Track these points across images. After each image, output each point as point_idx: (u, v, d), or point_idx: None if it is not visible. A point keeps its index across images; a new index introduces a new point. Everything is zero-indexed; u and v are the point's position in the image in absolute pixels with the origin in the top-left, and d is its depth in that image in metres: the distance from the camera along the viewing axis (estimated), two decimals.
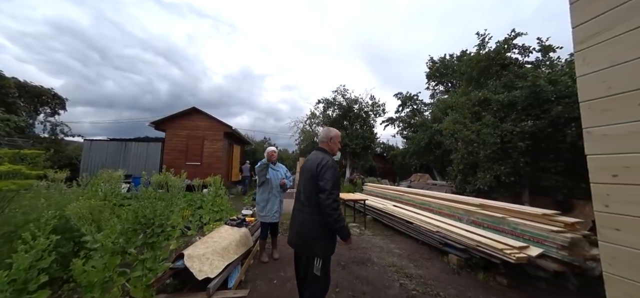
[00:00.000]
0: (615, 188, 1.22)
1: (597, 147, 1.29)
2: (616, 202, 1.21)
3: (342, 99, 18.32)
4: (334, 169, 1.74)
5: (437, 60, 18.27)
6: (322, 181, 1.69)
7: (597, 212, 1.29)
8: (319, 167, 1.74)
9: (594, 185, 1.30)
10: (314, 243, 1.74)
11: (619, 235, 1.21)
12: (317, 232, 1.72)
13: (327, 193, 1.65)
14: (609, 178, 1.24)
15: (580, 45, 1.39)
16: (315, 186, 1.72)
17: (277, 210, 3.28)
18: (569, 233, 2.86)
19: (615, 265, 1.23)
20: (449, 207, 4.69)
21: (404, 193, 6.70)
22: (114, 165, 9.51)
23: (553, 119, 5.07)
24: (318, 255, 1.73)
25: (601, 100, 1.28)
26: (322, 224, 1.72)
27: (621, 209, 1.19)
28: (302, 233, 1.79)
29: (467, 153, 5.96)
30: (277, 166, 3.44)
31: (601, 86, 1.28)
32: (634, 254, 1.14)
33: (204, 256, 2.34)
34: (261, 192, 3.28)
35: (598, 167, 1.29)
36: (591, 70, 1.33)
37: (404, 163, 16.29)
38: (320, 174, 1.71)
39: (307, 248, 1.77)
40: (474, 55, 8.65)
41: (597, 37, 1.30)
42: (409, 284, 2.91)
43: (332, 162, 1.79)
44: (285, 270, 3.09)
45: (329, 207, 1.65)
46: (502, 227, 3.62)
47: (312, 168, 1.78)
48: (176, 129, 10.89)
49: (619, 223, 1.20)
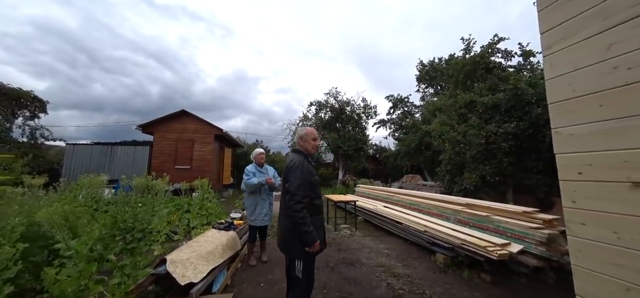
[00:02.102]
0: (581, 185, 1.29)
1: (564, 146, 1.36)
2: (582, 197, 1.28)
3: (335, 101, 18.44)
4: (301, 170, 1.71)
5: (427, 63, 18.70)
6: (287, 183, 1.71)
7: (565, 207, 1.35)
8: (287, 169, 1.78)
9: (562, 182, 1.37)
10: (292, 245, 1.74)
11: (584, 229, 1.27)
12: (293, 234, 1.71)
13: (290, 195, 1.66)
14: (575, 176, 1.31)
15: (547, 50, 1.47)
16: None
17: (267, 213, 3.25)
18: (546, 229, 2.98)
19: (582, 258, 1.29)
20: (438, 207, 4.79)
21: (394, 194, 6.78)
22: (98, 170, 9.18)
23: (533, 121, 5.29)
24: (297, 257, 1.72)
25: (566, 102, 1.35)
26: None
27: (586, 205, 1.26)
28: (283, 235, 1.80)
29: (454, 154, 6.12)
30: (265, 168, 3.42)
31: (566, 89, 1.35)
32: (598, 247, 1.21)
33: (188, 260, 2.29)
34: (249, 195, 3.25)
35: (565, 165, 1.36)
36: (557, 74, 1.40)
37: (396, 165, 16.52)
38: (287, 176, 1.73)
39: (288, 250, 1.78)
40: (459, 59, 8.92)
41: (562, 43, 1.38)
42: (395, 284, 2.94)
43: (299, 163, 1.76)
44: (273, 273, 3.07)
45: (291, 209, 1.65)
46: (487, 225, 3.73)
47: (284, 171, 1.82)
48: (165, 132, 10.64)
49: (584, 217, 1.27)
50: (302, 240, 1.67)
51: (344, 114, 18.23)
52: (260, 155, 3.37)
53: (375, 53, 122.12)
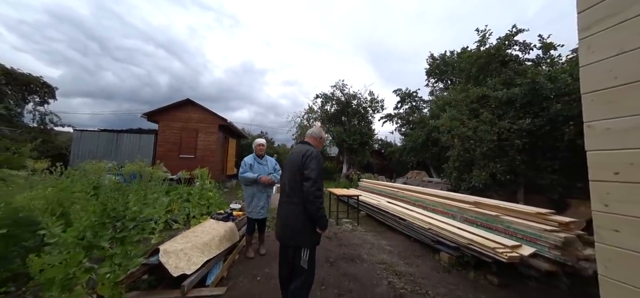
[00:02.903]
0: (617, 186, 1.11)
1: (599, 142, 1.18)
2: (616, 201, 1.11)
3: (341, 94, 18.15)
4: (318, 160, 1.76)
5: (438, 57, 18.06)
6: (307, 170, 1.72)
7: (595, 211, 1.19)
8: (304, 157, 1.76)
9: (593, 183, 1.20)
10: (301, 234, 1.74)
11: (617, 236, 1.11)
12: (303, 223, 1.73)
13: (311, 182, 1.68)
14: (610, 176, 1.13)
15: (585, 31, 1.26)
16: (300, 176, 1.74)
17: (263, 206, 3.16)
18: (562, 232, 2.78)
19: (611, 268, 1.13)
20: (443, 205, 4.62)
21: (399, 190, 6.62)
22: (105, 157, 9.31)
23: (551, 117, 4.98)
24: (305, 245, 1.74)
25: (606, 92, 1.16)
26: (307, 214, 1.73)
27: (621, 209, 1.09)
28: (289, 225, 1.77)
29: (463, 150, 5.87)
30: (264, 160, 3.31)
31: (607, 76, 1.16)
32: (633, 257, 1.05)
33: (182, 251, 2.23)
34: (246, 186, 3.16)
35: (599, 164, 1.18)
36: (596, 59, 1.20)
37: (401, 160, 16.25)
38: (306, 163, 1.74)
39: (294, 239, 1.76)
40: (473, 51, 8.50)
41: (605, 23, 1.18)
42: (397, 282, 2.83)
43: (317, 153, 1.82)
44: (271, 267, 3.00)
45: (312, 195, 1.67)
46: (495, 225, 3.55)
47: (297, 159, 1.79)
48: (169, 120, 10.66)
49: (618, 223, 1.10)
50: (319, 225, 1.74)
51: (350, 107, 17.95)
52: (260, 146, 3.26)
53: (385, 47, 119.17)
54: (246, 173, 3.07)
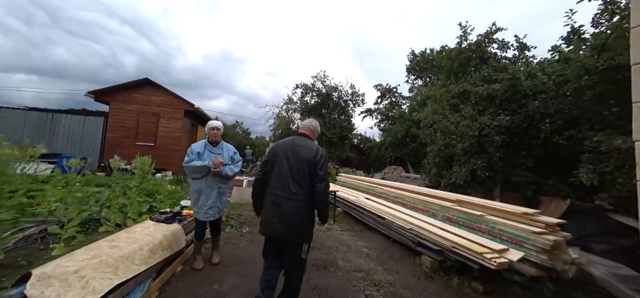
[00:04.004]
0: None
1: None
2: None
3: (322, 86, 17.62)
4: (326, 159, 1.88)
5: (418, 53, 18.27)
6: (321, 171, 1.78)
7: None
8: (318, 156, 1.81)
9: None
10: (306, 230, 1.81)
11: None
12: (308, 219, 1.81)
13: (325, 183, 1.78)
14: None
15: None
16: (311, 174, 1.77)
17: (212, 206, 2.50)
18: (551, 235, 2.57)
19: None
20: (424, 202, 4.34)
21: (378, 186, 6.32)
22: (35, 141, 7.70)
23: (529, 114, 4.95)
24: (307, 240, 1.84)
25: None
26: (312, 210, 1.82)
27: None
28: (295, 221, 1.74)
29: (444, 146, 5.72)
30: (219, 147, 2.64)
31: None
32: None
33: (77, 274, 1.54)
34: (192, 180, 2.48)
35: None
36: None
37: (379, 156, 16.29)
38: (321, 164, 1.79)
39: (299, 235, 1.78)
40: (455, 48, 8.44)
41: None
42: (376, 296, 2.41)
43: (323, 151, 1.92)
44: (225, 280, 2.40)
45: (326, 195, 1.80)
46: (479, 225, 3.31)
47: (309, 157, 1.79)
48: (123, 102, 9.21)
49: None
50: (323, 219, 1.87)
51: (330, 99, 17.53)
52: (213, 131, 2.58)
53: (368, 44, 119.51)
54: (193, 162, 2.39)
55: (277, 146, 1.89)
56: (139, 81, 9.37)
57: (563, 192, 4.58)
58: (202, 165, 2.39)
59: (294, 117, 18.21)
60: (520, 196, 5.02)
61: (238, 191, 7.26)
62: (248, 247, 3.44)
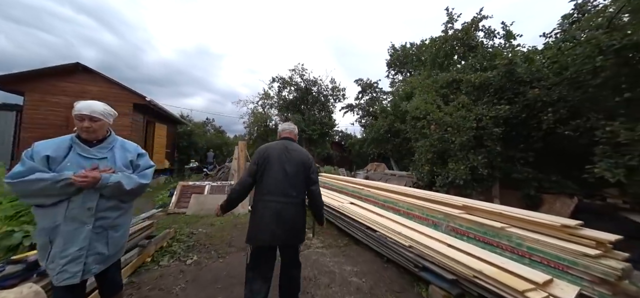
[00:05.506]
0: None
1: None
2: None
3: (300, 80, 16.56)
4: None
5: (399, 47, 17.98)
6: (313, 174, 1.87)
7: None
8: (311, 160, 1.92)
9: None
10: (303, 231, 1.86)
11: None
12: (304, 221, 1.87)
13: (318, 185, 1.91)
14: None
15: None
16: (306, 177, 1.84)
17: (79, 255, 1.32)
18: (611, 260, 1.86)
19: None
20: (422, 209, 3.56)
21: (364, 187, 5.48)
22: None
23: (529, 103, 4.43)
24: (302, 241, 1.90)
25: None
26: (305, 210, 1.89)
27: None
28: (298, 224, 1.80)
29: (438, 140, 5.06)
30: (106, 147, 1.52)
31: None
32: None
33: None
34: (36, 208, 1.33)
35: None
36: None
37: (361, 152, 15.74)
38: (313, 168, 1.89)
39: (298, 237, 1.83)
40: (440, 36, 7.92)
41: None
42: None
43: None
44: None
45: (320, 197, 1.93)
46: (498, 240, 2.56)
47: (304, 160, 1.87)
48: (45, 93, 7.28)
49: None
50: (321, 220, 2.03)
51: (310, 94, 16.56)
52: (83, 121, 1.45)
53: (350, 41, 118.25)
54: (34, 174, 1.25)
55: (269, 150, 1.88)
56: (68, 66, 7.40)
57: (569, 189, 4.11)
58: (55, 180, 1.26)
59: (270, 113, 16.93)
60: (521, 195, 4.51)
61: (198, 200, 5.99)
62: (187, 291, 2.36)
